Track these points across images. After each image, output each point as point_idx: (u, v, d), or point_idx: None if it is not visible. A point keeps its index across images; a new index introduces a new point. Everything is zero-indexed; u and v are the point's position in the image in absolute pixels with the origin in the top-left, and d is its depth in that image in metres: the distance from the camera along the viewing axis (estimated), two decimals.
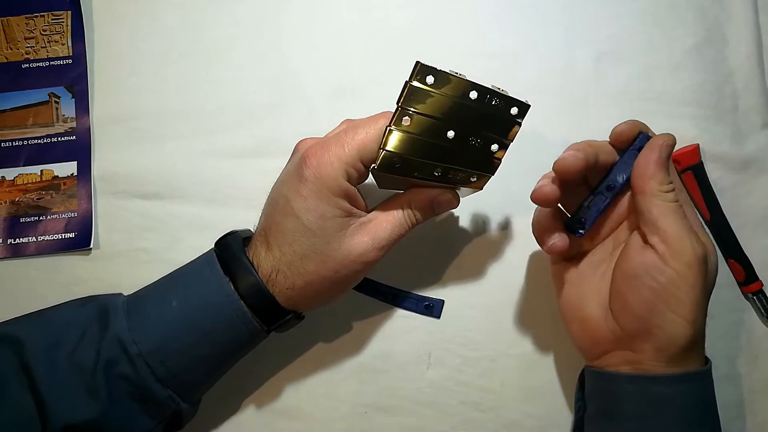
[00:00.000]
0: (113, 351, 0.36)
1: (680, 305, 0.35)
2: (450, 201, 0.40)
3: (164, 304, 0.38)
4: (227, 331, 0.38)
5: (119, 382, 0.36)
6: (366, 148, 0.37)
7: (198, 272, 0.39)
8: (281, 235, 0.37)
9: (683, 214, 0.36)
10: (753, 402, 0.46)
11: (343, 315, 0.47)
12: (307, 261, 0.37)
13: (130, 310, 0.38)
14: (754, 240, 0.47)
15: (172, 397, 0.38)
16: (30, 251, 0.48)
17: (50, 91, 0.50)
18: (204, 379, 0.40)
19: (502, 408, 0.46)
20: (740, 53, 0.48)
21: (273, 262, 0.38)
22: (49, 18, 0.51)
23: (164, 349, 0.37)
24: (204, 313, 0.38)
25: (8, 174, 0.49)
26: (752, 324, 0.47)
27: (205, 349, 0.38)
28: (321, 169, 0.37)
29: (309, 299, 0.39)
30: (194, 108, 0.50)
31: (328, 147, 0.37)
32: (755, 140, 0.48)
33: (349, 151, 0.37)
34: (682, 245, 0.35)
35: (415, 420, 0.46)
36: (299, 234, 0.37)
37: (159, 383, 0.37)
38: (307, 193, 0.37)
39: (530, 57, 0.50)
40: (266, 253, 0.38)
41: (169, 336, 0.37)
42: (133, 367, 0.36)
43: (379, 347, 0.47)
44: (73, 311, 0.39)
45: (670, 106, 0.48)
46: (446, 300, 0.47)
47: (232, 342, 0.39)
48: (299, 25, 0.51)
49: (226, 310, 0.37)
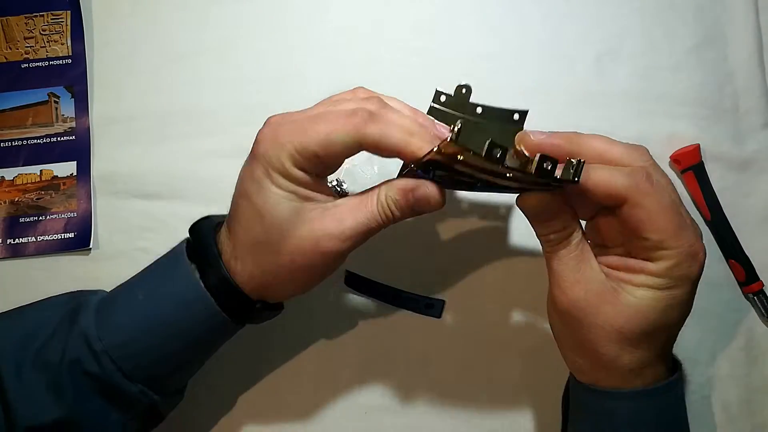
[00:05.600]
0: (78, 348, 0.35)
1: (562, 340, 0.36)
2: (427, 196, 0.34)
3: (131, 298, 0.37)
4: (195, 323, 0.36)
5: (85, 379, 0.35)
6: (324, 147, 0.33)
7: (165, 264, 0.38)
8: (237, 219, 0.35)
9: (577, 259, 0.34)
10: (753, 402, 0.46)
11: (343, 315, 0.47)
12: (260, 249, 0.34)
13: (101, 306, 0.37)
14: (755, 240, 0.47)
15: (144, 392, 0.36)
16: (29, 251, 0.48)
17: (50, 90, 0.50)
18: (177, 372, 0.38)
19: (503, 409, 0.46)
20: (741, 53, 0.48)
21: (232, 248, 0.35)
22: (49, 18, 0.51)
23: (130, 344, 0.36)
24: (170, 306, 0.36)
25: (8, 174, 0.49)
26: (753, 324, 0.47)
27: (173, 342, 0.36)
28: (271, 150, 0.33)
29: (272, 289, 0.36)
30: (194, 108, 0.50)
31: (287, 130, 0.34)
32: (756, 140, 0.48)
33: (306, 141, 0.33)
34: (556, 287, 0.34)
35: (415, 420, 0.46)
36: (252, 218, 0.34)
37: (127, 379, 0.35)
38: (258, 173, 0.34)
39: (530, 57, 0.50)
40: (226, 238, 0.36)
41: (135, 331, 0.36)
42: (98, 363, 0.35)
43: (379, 347, 0.47)
44: (49, 308, 0.38)
45: (670, 106, 0.48)
46: (446, 300, 0.47)
47: (202, 335, 0.37)
48: (299, 25, 0.51)
49: (193, 303, 0.35)
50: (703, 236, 0.47)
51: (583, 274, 0.34)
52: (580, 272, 0.34)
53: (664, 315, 0.33)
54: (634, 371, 0.34)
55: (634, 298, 0.33)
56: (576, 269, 0.34)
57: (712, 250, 0.47)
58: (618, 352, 0.33)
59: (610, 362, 0.34)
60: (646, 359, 0.34)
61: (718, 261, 0.47)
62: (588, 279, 0.34)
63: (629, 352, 0.33)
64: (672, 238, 0.32)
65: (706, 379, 0.46)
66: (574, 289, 0.34)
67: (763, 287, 0.46)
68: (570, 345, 0.36)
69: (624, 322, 0.33)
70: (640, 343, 0.33)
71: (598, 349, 0.34)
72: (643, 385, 0.34)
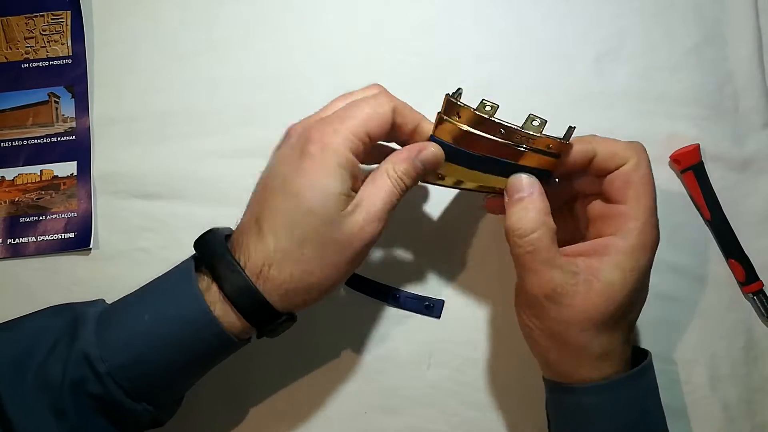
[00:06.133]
0: (81, 368, 0.34)
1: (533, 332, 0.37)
2: (432, 154, 0.37)
3: (136, 317, 0.36)
4: (202, 345, 0.35)
5: (88, 400, 0.34)
6: (372, 121, 0.36)
7: (172, 283, 0.37)
8: (276, 220, 0.35)
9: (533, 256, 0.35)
10: (753, 402, 0.46)
11: (343, 315, 0.47)
12: (306, 245, 0.34)
13: (101, 323, 0.36)
14: (755, 240, 0.47)
15: (147, 409, 0.35)
16: (30, 251, 0.48)
17: (50, 90, 0.50)
18: (178, 387, 0.38)
19: (502, 408, 0.46)
20: (740, 53, 0.48)
21: (266, 253, 0.34)
22: (49, 18, 0.51)
23: (135, 365, 0.35)
24: (177, 328, 0.35)
25: (8, 174, 0.49)
26: (752, 324, 0.47)
27: (179, 363, 0.35)
28: (326, 140, 0.35)
29: (305, 292, 0.35)
30: (194, 108, 0.50)
31: (332, 121, 0.36)
32: (756, 140, 0.48)
33: (356, 123, 0.35)
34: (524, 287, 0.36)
35: (415, 420, 0.46)
36: (299, 215, 0.34)
37: (130, 398, 0.35)
38: (311, 167, 0.34)
39: (530, 57, 0.50)
40: (257, 244, 0.35)
41: (140, 352, 0.35)
42: (102, 385, 0.34)
43: (379, 347, 0.47)
44: (45, 321, 0.37)
45: (670, 106, 0.48)
46: (446, 300, 0.47)
47: (208, 355, 0.36)
48: (300, 25, 0.51)
49: (201, 326, 0.35)
50: (704, 236, 0.47)
51: (554, 267, 0.35)
52: (551, 265, 0.35)
53: (630, 295, 0.35)
54: (602, 357, 0.36)
55: (602, 284, 0.35)
56: (547, 263, 0.35)
57: (712, 250, 0.47)
58: (589, 339, 0.35)
59: (580, 350, 0.36)
60: (615, 343, 0.36)
61: (718, 261, 0.47)
62: (558, 272, 0.35)
63: (599, 338, 0.35)
64: (645, 207, 0.36)
65: (705, 379, 0.46)
66: (545, 283, 0.35)
67: (762, 287, 0.46)
68: (540, 337, 0.37)
69: (594, 309, 0.35)
70: (608, 327, 0.35)
71: (569, 339, 0.36)
72: (613, 372, 0.36)
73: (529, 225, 0.36)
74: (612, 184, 0.37)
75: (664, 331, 0.46)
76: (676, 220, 0.47)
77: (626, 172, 0.36)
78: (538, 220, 0.36)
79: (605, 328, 0.35)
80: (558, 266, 0.35)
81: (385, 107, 0.36)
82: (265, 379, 0.47)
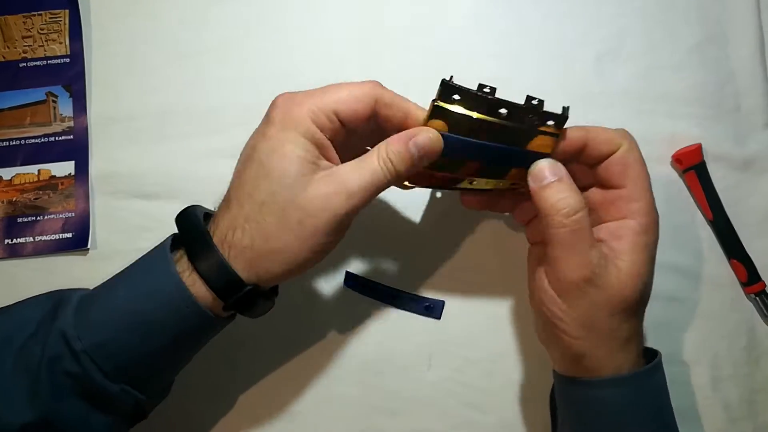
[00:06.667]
0: (57, 347, 0.34)
1: (562, 323, 0.37)
2: (428, 138, 0.35)
3: (111, 295, 0.36)
4: (176, 320, 0.34)
5: (64, 379, 0.34)
6: (343, 102, 0.35)
7: (146, 259, 0.36)
8: (241, 186, 0.35)
9: (577, 235, 0.35)
10: (755, 402, 0.46)
11: (343, 315, 0.47)
12: (266, 209, 0.34)
13: (81, 304, 0.35)
14: (757, 240, 0.47)
15: (126, 390, 0.35)
16: (27, 251, 0.48)
17: (48, 90, 0.50)
18: (161, 370, 0.37)
19: (503, 409, 0.46)
20: (742, 52, 0.48)
21: (230, 219, 0.34)
22: (47, 17, 0.51)
23: (110, 343, 0.34)
24: (150, 303, 0.34)
25: (5, 174, 0.49)
26: (754, 324, 0.47)
27: (155, 340, 0.35)
28: (288, 109, 0.35)
29: (268, 260, 0.34)
30: (194, 108, 0.50)
31: (300, 95, 0.36)
32: (757, 140, 0.48)
33: (326, 100, 0.35)
34: (560, 269, 0.36)
35: (416, 421, 0.46)
36: (260, 179, 0.34)
37: (107, 379, 0.34)
38: (272, 132, 0.35)
39: (530, 57, 0.50)
40: (224, 213, 0.35)
41: (115, 329, 0.34)
42: (78, 363, 0.34)
43: (379, 348, 0.47)
44: (32, 306, 0.37)
45: (671, 106, 0.48)
46: (446, 300, 0.47)
47: (185, 332, 0.35)
48: (300, 25, 0.51)
49: (174, 298, 0.34)
50: (706, 236, 0.47)
51: (593, 247, 0.36)
52: (592, 245, 0.36)
53: (650, 275, 0.37)
54: (628, 342, 0.36)
55: (627, 264, 0.36)
56: (589, 242, 0.36)
57: (714, 250, 0.47)
58: (618, 323, 0.36)
59: (609, 335, 0.36)
60: (638, 328, 0.37)
61: (720, 261, 0.47)
62: (596, 252, 0.36)
63: (627, 322, 0.36)
64: (644, 188, 0.38)
65: (707, 379, 0.46)
66: (586, 265, 0.35)
67: (765, 287, 0.46)
68: (570, 327, 0.36)
69: (625, 289, 0.36)
70: (634, 310, 0.37)
71: (601, 324, 0.36)
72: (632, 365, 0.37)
73: (576, 203, 0.36)
74: (609, 170, 0.38)
75: (665, 331, 0.46)
76: (678, 220, 0.47)
77: (622, 156, 0.37)
78: (581, 200, 0.36)
79: (632, 312, 0.36)
80: (596, 246, 0.36)
81: (362, 93, 0.36)
82: (265, 380, 0.46)
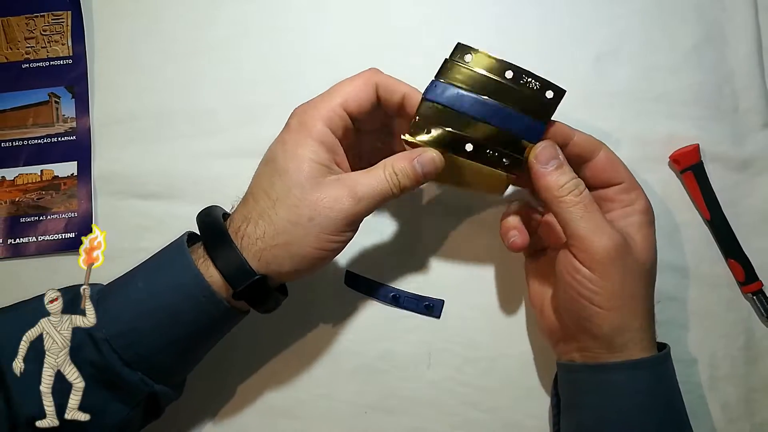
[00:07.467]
0: (79, 336, 0.36)
1: (597, 297, 0.37)
2: (433, 159, 0.38)
3: (131, 285, 0.38)
4: (195, 311, 0.36)
5: (86, 368, 0.36)
6: (350, 96, 0.38)
7: (165, 252, 0.39)
8: (258, 185, 0.38)
9: (590, 209, 0.37)
10: (753, 401, 0.46)
11: (343, 315, 0.47)
12: (279, 205, 0.36)
13: (100, 296, 0.37)
14: (754, 240, 0.47)
15: (144, 380, 0.37)
16: (30, 251, 0.48)
17: (50, 91, 0.50)
18: (178, 361, 0.39)
19: (502, 408, 0.46)
20: (740, 53, 0.48)
21: (245, 213, 0.37)
22: (50, 18, 0.51)
23: (131, 332, 0.36)
24: (169, 294, 0.36)
25: (8, 174, 0.49)
26: (752, 324, 0.47)
27: (174, 330, 0.37)
28: (303, 115, 0.38)
29: (279, 255, 0.36)
30: (195, 108, 0.50)
31: (316, 100, 0.39)
32: (755, 140, 0.48)
33: (333, 99, 0.38)
34: (589, 243, 0.37)
35: (415, 420, 0.46)
36: (275, 178, 0.37)
37: (127, 367, 0.36)
38: (288, 138, 0.38)
39: (530, 57, 0.49)
40: (241, 208, 0.38)
41: (135, 318, 0.36)
42: (99, 351, 0.36)
43: (379, 347, 0.47)
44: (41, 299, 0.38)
45: (669, 106, 0.48)
46: (446, 300, 0.47)
47: (203, 322, 0.37)
48: (299, 25, 0.51)
49: (192, 289, 0.36)
50: (703, 236, 0.47)
51: (607, 224, 0.37)
52: (606, 222, 0.37)
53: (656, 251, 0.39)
54: (650, 313, 0.38)
55: (641, 235, 0.38)
56: (602, 222, 0.37)
57: (711, 250, 0.47)
58: (645, 288, 0.38)
59: (642, 303, 0.38)
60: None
61: (717, 261, 0.47)
62: (612, 228, 0.37)
63: (651, 287, 0.39)
64: (633, 178, 0.40)
65: (705, 378, 0.46)
66: (616, 234, 0.37)
67: (762, 287, 0.46)
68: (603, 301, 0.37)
69: (648, 257, 0.38)
70: (654, 280, 0.39)
71: (633, 289, 0.37)
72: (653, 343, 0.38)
73: (580, 182, 0.38)
74: (601, 170, 0.40)
75: (663, 330, 0.46)
76: (676, 220, 0.47)
77: (607, 155, 0.40)
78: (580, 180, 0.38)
79: (652, 280, 0.39)
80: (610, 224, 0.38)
81: (363, 81, 0.39)
82: (265, 379, 0.47)
